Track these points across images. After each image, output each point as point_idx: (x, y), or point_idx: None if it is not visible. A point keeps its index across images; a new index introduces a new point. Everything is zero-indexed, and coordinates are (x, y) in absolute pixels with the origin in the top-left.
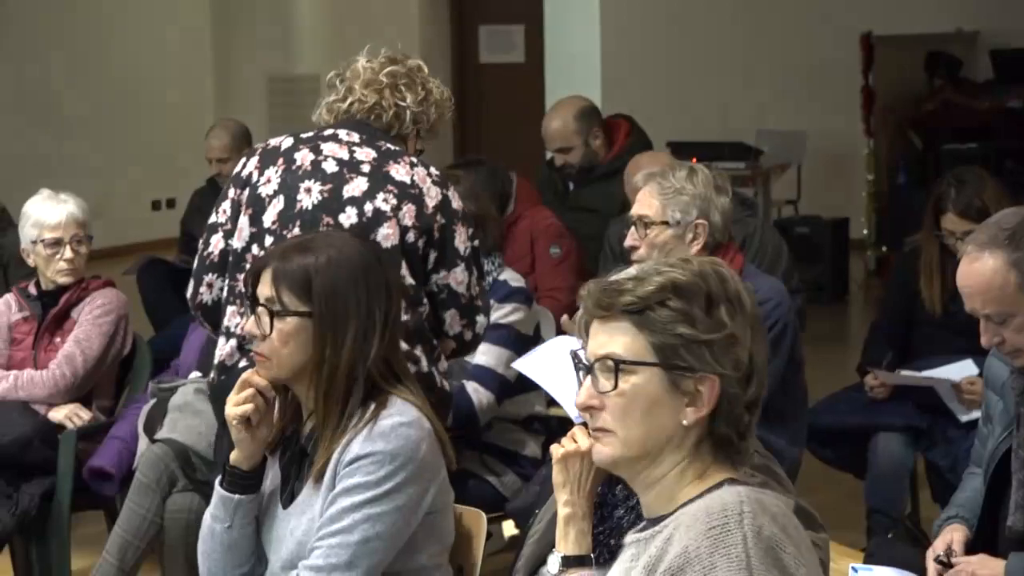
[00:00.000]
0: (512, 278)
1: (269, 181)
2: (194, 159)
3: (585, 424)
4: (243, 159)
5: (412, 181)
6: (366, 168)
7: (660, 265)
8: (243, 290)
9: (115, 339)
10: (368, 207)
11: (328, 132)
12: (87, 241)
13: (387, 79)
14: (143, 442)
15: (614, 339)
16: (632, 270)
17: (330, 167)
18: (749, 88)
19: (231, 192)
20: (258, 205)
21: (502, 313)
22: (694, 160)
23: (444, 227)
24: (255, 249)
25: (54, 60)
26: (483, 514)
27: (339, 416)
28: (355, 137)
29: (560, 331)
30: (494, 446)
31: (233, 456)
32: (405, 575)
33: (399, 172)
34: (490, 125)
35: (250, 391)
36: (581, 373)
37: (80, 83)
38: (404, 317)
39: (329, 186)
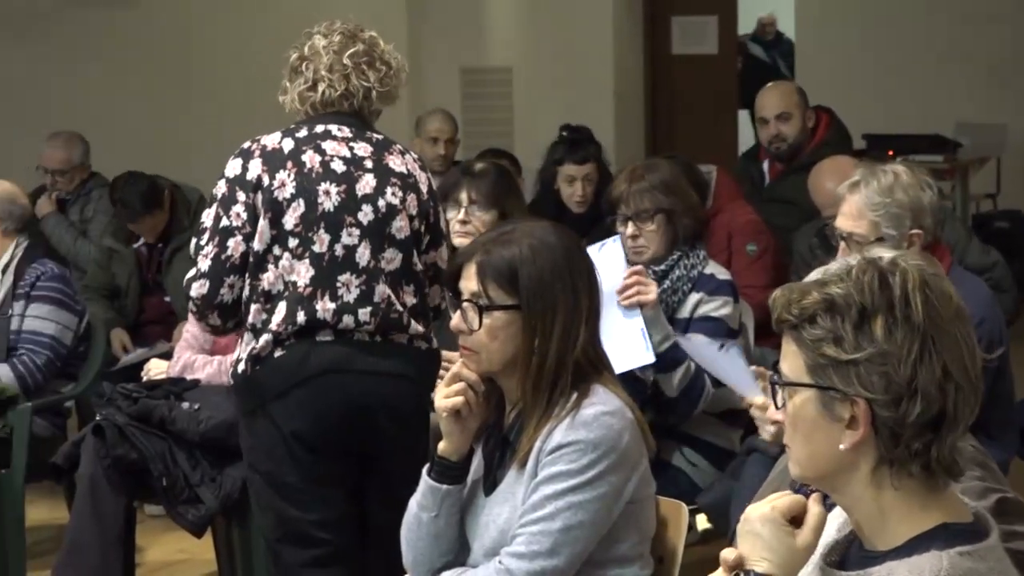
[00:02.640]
0: (719, 271)
1: (284, 185)
2: None
3: None
4: (238, 161)
5: (408, 171)
6: (369, 164)
7: (827, 275)
8: (266, 289)
9: None
10: (381, 203)
11: (321, 129)
12: None
13: (350, 62)
14: None
15: (785, 356)
16: (814, 275)
17: (339, 167)
18: (947, 79)
19: (240, 196)
20: (276, 209)
21: (713, 306)
22: (890, 152)
23: (434, 210)
24: (276, 250)
25: (256, 54)
26: (684, 505)
27: (545, 405)
28: (347, 132)
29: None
30: (693, 437)
31: (442, 447)
32: (606, 564)
33: (396, 163)
34: (682, 117)
35: (461, 385)
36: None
37: (275, 75)
38: (413, 300)
39: (344, 186)
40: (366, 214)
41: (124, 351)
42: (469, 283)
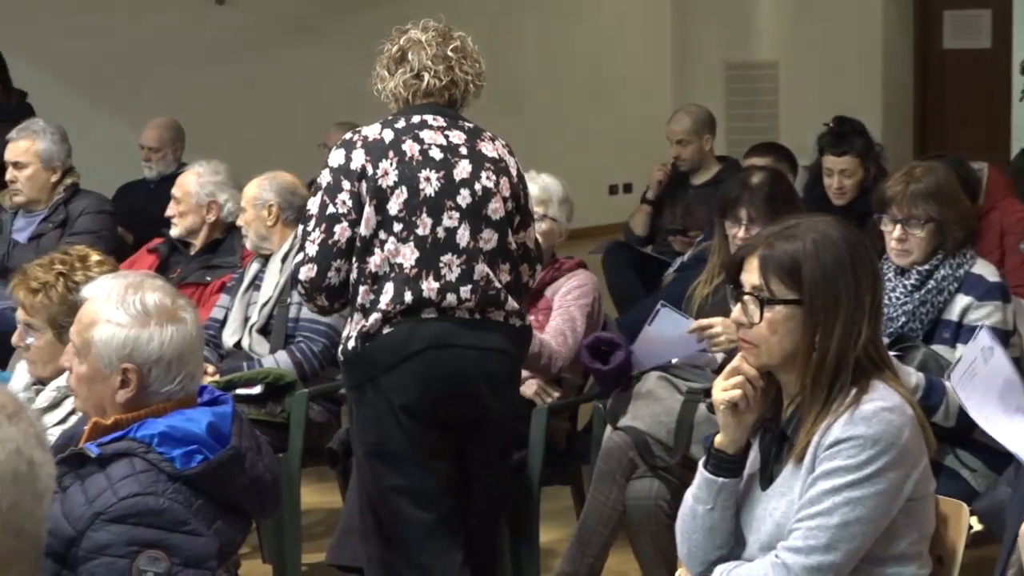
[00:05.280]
0: (988, 272)
1: (387, 174)
2: (651, 145)
3: None
4: (342, 151)
5: (499, 156)
6: (463, 150)
7: None
8: (373, 271)
9: (591, 318)
10: (477, 186)
11: (417, 120)
12: (544, 220)
13: (454, 55)
14: (607, 429)
15: None
16: None
17: (436, 155)
18: None
19: (345, 184)
20: (380, 196)
21: (983, 313)
22: None
23: (524, 192)
24: (382, 235)
25: (526, 44)
26: (965, 506)
27: (824, 401)
28: (441, 121)
29: None
30: (966, 439)
31: (718, 439)
32: (885, 562)
33: (488, 149)
34: (952, 113)
35: (739, 378)
36: None
37: (544, 68)
38: (507, 278)
39: (442, 172)
40: (464, 197)
41: None
42: (751, 276)
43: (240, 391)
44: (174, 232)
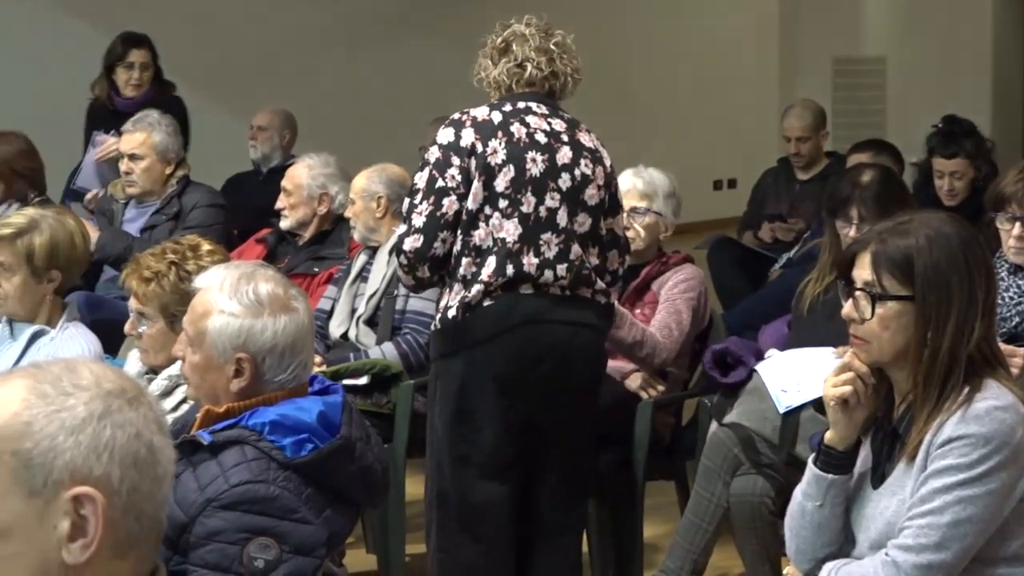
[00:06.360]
0: None
1: (496, 152)
2: (756, 141)
3: None
4: (450, 130)
5: (595, 147)
6: (564, 138)
7: None
8: (476, 244)
9: (697, 313)
10: (576, 172)
11: (523, 106)
12: (648, 214)
13: (556, 48)
14: (713, 425)
15: None
16: None
17: (541, 139)
18: None
19: (455, 160)
20: (489, 172)
21: None
22: None
23: (615, 182)
24: (487, 210)
25: (627, 38)
26: None
27: (936, 399)
28: (544, 109)
29: None
30: None
31: (828, 436)
32: (996, 563)
33: (585, 139)
34: None
35: (850, 374)
36: None
37: (649, 61)
38: (596, 261)
39: (546, 155)
40: (565, 181)
41: None
42: (863, 272)
43: (346, 381)
44: (284, 224)
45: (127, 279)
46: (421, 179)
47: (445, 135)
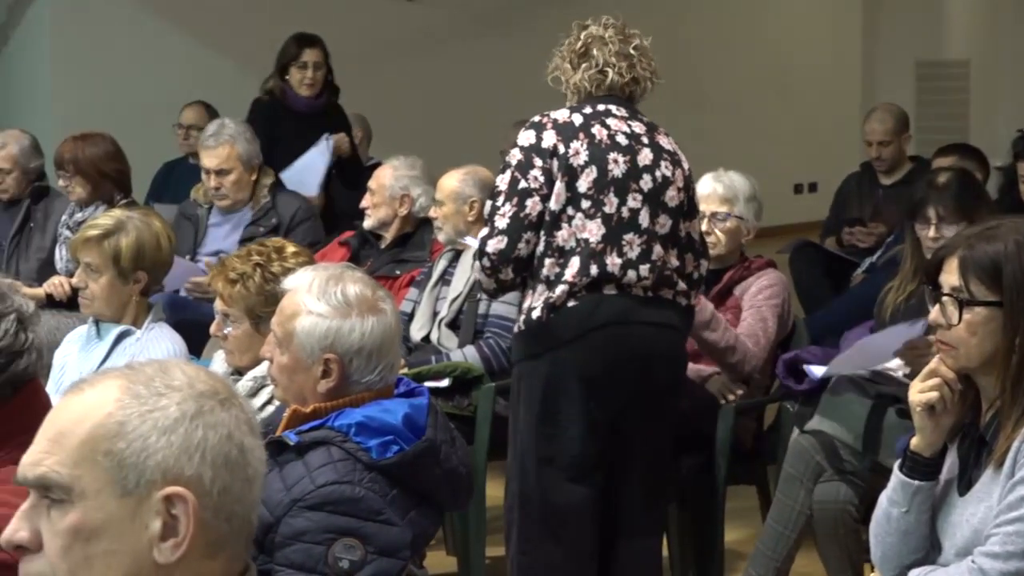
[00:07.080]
0: None
1: (578, 153)
2: (838, 143)
3: None
4: (531, 132)
5: (674, 150)
6: (645, 140)
7: None
8: (560, 245)
9: (782, 319)
10: (657, 173)
11: (603, 108)
12: (730, 219)
13: (635, 52)
14: (795, 431)
15: None
16: None
17: (622, 140)
18: None
19: (537, 161)
20: (571, 173)
21: None
22: None
23: (693, 185)
24: (570, 211)
25: (705, 39)
26: None
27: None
28: (623, 112)
29: None
30: None
31: (914, 442)
32: None
33: (664, 142)
34: None
35: (936, 380)
36: None
37: (728, 63)
38: (676, 263)
39: (628, 157)
40: (646, 182)
41: None
42: (950, 277)
43: (428, 384)
44: (367, 223)
45: (213, 281)
46: (503, 181)
47: (526, 137)
